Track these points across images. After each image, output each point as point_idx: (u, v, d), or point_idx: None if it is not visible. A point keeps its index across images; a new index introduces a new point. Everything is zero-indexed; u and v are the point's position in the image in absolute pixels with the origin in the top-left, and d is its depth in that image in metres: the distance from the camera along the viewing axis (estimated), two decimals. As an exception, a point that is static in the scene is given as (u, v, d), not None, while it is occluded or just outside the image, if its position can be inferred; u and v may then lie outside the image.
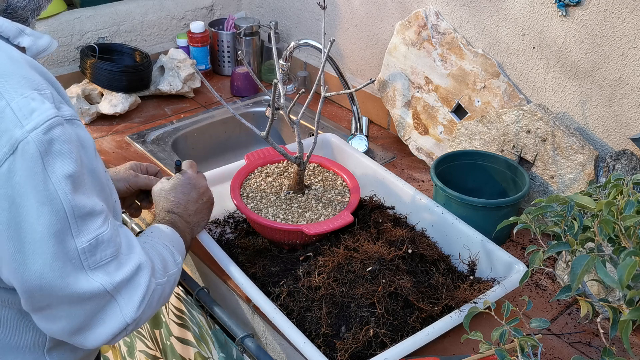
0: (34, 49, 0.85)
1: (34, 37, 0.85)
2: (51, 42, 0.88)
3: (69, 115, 0.80)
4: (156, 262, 0.93)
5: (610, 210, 0.79)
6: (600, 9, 1.23)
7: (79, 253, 0.79)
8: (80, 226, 0.78)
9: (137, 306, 0.85)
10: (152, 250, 0.96)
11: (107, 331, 0.84)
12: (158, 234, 1.03)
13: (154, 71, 1.91)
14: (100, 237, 0.81)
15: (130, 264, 0.85)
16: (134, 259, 0.86)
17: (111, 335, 0.84)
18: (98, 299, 0.81)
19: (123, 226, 0.91)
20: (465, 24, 1.49)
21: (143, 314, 0.87)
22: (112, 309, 0.83)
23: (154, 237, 1.01)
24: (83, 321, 0.82)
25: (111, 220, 0.84)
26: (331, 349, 1.01)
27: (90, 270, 0.80)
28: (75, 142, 0.79)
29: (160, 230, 1.04)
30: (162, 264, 0.95)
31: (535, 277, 1.26)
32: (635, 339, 1.12)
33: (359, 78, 1.88)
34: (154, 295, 0.89)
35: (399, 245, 1.16)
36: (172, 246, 1.01)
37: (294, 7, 2.00)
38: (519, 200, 1.27)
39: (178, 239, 1.05)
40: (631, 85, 1.24)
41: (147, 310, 0.87)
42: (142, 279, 0.86)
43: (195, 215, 1.14)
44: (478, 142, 1.45)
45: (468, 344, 1.08)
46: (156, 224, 1.06)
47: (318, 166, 1.36)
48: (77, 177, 0.78)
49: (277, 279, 1.12)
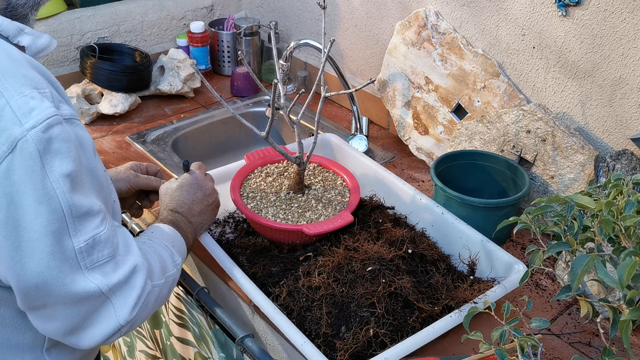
0: (33, 48, 0.85)
1: (34, 37, 0.85)
2: (51, 41, 0.88)
3: (68, 114, 0.80)
4: (154, 263, 0.93)
5: (610, 210, 0.79)
6: (600, 9, 1.23)
7: (76, 253, 0.78)
8: (77, 226, 0.78)
9: (131, 308, 0.84)
10: (151, 251, 0.95)
11: (100, 332, 0.84)
12: (159, 233, 1.03)
13: (154, 71, 1.91)
14: (98, 237, 0.80)
15: (126, 265, 0.85)
16: (130, 260, 0.86)
17: (105, 336, 0.84)
18: (93, 299, 0.81)
19: (121, 227, 0.91)
20: (465, 24, 1.49)
21: (138, 316, 0.86)
22: (107, 310, 0.83)
23: (154, 237, 1.01)
24: (78, 321, 0.82)
25: (109, 221, 0.84)
26: (331, 349, 1.01)
27: (87, 270, 0.80)
28: (74, 141, 0.79)
29: (161, 230, 1.04)
30: (160, 265, 0.94)
31: (535, 277, 1.26)
32: (635, 339, 1.12)
33: (359, 78, 1.88)
34: (150, 297, 0.89)
35: (399, 245, 1.16)
36: (172, 246, 1.01)
37: (294, 7, 2.00)
38: (519, 200, 1.27)
39: (179, 239, 1.05)
40: (631, 85, 1.24)
41: (142, 312, 0.87)
42: (137, 280, 0.86)
43: (199, 216, 1.14)
44: (478, 142, 1.45)
45: (468, 344, 1.08)
46: (158, 223, 1.06)
47: (318, 166, 1.36)
48: (76, 177, 0.78)
49: (277, 279, 1.12)
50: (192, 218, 1.12)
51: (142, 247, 0.94)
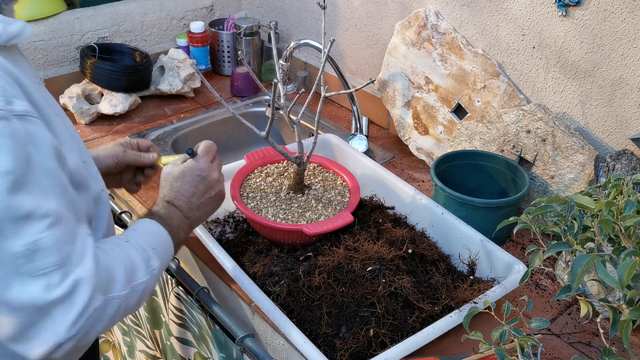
0: (4, 36, 0.81)
1: (5, 23, 0.81)
2: (24, 27, 0.83)
3: (21, 110, 0.76)
4: (116, 273, 0.86)
5: (610, 210, 0.79)
6: (600, 9, 1.23)
7: (14, 257, 0.73)
8: (14, 228, 0.73)
9: (69, 325, 0.77)
10: (118, 257, 0.88)
11: (42, 345, 0.78)
12: (140, 234, 0.97)
13: (154, 71, 1.91)
14: (40, 242, 0.74)
15: (70, 277, 0.78)
16: (77, 272, 0.79)
17: (47, 350, 0.78)
18: (32, 310, 0.75)
19: (86, 234, 0.84)
20: (465, 24, 1.49)
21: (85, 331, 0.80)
22: (47, 323, 0.77)
23: (131, 238, 0.94)
24: (19, 329, 0.77)
25: (63, 226, 0.78)
26: (331, 349, 1.01)
27: (28, 277, 0.74)
28: (22, 138, 0.74)
29: (145, 228, 0.98)
30: (125, 274, 0.87)
31: (535, 277, 1.26)
32: (635, 339, 1.12)
33: (359, 78, 1.88)
34: (106, 310, 0.83)
35: (399, 245, 1.16)
36: (151, 249, 0.94)
37: (294, 7, 2.00)
38: (519, 200, 1.27)
39: (165, 239, 0.99)
40: (631, 85, 1.24)
41: (94, 325, 0.81)
42: (79, 295, 0.78)
43: (198, 210, 1.09)
44: (478, 142, 1.45)
45: (468, 344, 1.08)
46: (146, 218, 1.02)
47: (318, 166, 1.36)
48: (18, 175, 0.73)
49: (277, 279, 1.12)
50: (189, 212, 1.07)
51: (107, 253, 0.87)
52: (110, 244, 0.91)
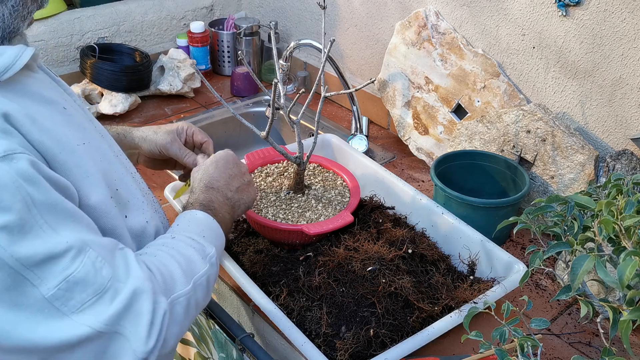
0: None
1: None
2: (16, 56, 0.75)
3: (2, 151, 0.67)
4: (175, 273, 0.82)
5: (610, 210, 0.79)
6: (600, 9, 1.23)
7: (49, 301, 0.69)
8: (38, 274, 0.68)
9: (145, 337, 0.74)
10: (169, 258, 0.84)
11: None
12: (184, 226, 0.92)
13: (154, 71, 1.91)
14: (72, 278, 0.70)
15: (123, 292, 0.74)
16: (129, 285, 0.74)
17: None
18: (92, 340, 0.71)
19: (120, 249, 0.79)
20: (465, 24, 1.49)
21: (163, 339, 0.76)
22: (119, 344, 0.73)
23: (177, 234, 0.90)
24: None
25: (91, 251, 0.72)
26: (331, 349, 1.01)
27: (75, 313, 0.70)
28: (11, 183, 0.67)
29: (187, 220, 0.93)
30: (183, 272, 0.83)
31: (535, 277, 1.26)
32: (635, 339, 1.12)
33: (359, 78, 1.88)
34: (176, 311, 0.79)
35: (399, 245, 1.16)
36: (201, 237, 0.90)
37: (294, 7, 2.00)
38: (519, 200, 1.27)
39: (212, 223, 0.94)
40: (631, 85, 1.24)
41: (170, 330, 0.78)
42: (142, 305, 0.74)
43: (237, 193, 1.04)
44: (478, 142, 1.45)
45: (468, 344, 1.08)
46: (190, 208, 0.97)
47: (318, 166, 1.36)
48: (17, 225, 0.67)
49: (277, 279, 1.12)
50: (228, 193, 1.02)
51: (153, 256, 0.83)
52: (154, 248, 0.87)
